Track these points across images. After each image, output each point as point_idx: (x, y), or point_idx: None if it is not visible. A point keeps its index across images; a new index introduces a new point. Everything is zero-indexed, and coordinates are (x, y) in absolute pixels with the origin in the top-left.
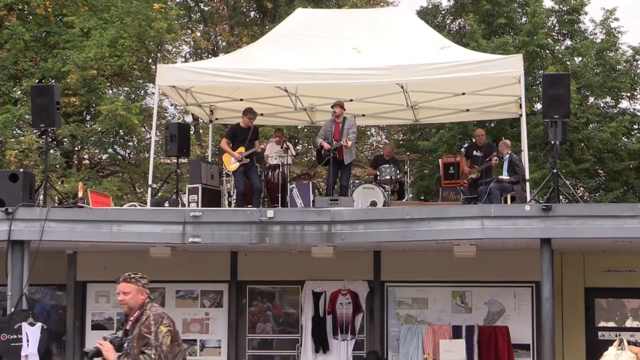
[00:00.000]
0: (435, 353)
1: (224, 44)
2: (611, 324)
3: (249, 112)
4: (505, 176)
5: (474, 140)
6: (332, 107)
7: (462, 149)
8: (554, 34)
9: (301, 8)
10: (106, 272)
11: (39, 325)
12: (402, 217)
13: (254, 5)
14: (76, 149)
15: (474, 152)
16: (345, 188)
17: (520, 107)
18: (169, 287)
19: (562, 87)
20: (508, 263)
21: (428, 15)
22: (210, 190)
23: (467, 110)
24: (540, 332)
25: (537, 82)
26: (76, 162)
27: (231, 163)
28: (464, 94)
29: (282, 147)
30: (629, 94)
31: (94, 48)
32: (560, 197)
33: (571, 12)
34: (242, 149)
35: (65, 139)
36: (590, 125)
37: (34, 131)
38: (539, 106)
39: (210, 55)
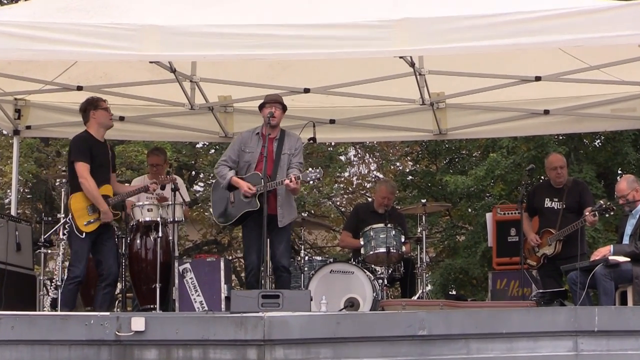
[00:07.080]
0: None
1: None
2: None
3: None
4: (622, 253)
5: (544, 178)
6: (261, 106)
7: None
8: None
9: None
10: None
11: None
12: (412, 332)
13: None
14: None
15: (547, 203)
16: (287, 271)
17: None
18: None
19: None
20: None
21: None
22: (14, 275)
23: (546, 112)
24: None
25: None
26: None
27: (88, 215)
28: (538, 79)
29: (165, 187)
30: None
31: None
32: None
33: None
34: (108, 189)
35: None
36: None
37: None
38: None
39: None
